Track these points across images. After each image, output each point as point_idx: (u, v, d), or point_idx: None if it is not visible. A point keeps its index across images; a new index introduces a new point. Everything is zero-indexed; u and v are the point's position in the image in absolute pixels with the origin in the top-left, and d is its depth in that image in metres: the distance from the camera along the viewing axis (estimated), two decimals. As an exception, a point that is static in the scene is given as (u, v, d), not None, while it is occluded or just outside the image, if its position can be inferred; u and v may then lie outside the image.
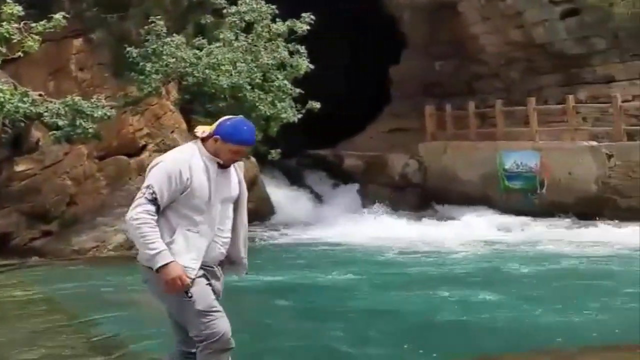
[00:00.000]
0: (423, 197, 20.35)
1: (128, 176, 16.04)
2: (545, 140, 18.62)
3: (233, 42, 15.58)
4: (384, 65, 24.57)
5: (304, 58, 16.45)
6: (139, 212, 4.18)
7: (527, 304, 9.04)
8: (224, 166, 4.36)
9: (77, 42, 16.11)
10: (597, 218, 16.32)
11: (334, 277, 11.42)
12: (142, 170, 16.35)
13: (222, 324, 4.24)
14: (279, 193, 19.83)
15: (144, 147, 16.71)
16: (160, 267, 4.14)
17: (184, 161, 4.28)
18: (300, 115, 16.17)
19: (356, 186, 21.53)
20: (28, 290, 10.65)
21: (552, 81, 20.98)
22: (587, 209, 16.73)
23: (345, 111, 22.68)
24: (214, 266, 4.37)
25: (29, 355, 7.15)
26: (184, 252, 4.21)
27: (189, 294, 4.18)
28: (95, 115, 12.94)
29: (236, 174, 4.47)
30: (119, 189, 15.68)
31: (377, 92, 24.46)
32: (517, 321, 8.23)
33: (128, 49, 15.01)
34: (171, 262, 4.15)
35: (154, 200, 4.19)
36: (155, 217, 4.21)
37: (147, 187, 4.23)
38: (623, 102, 17.77)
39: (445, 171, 20.57)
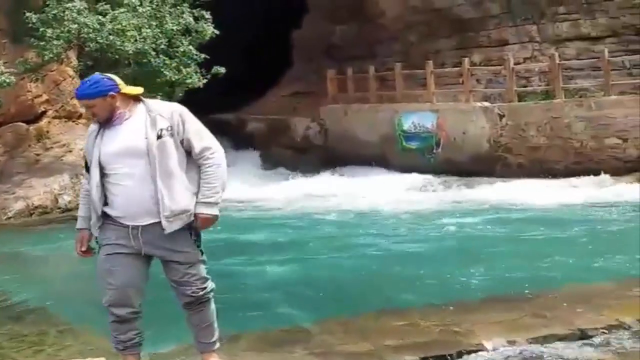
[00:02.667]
0: (324, 159, 20.70)
1: (27, 143, 15.88)
2: (442, 102, 19.30)
3: (138, 7, 15.50)
4: (286, 30, 24.71)
5: (209, 24, 16.52)
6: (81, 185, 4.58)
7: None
8: (108, 122, 4.41)
9: (-28, 7, 15.75)
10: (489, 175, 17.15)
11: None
12: (40, 136, 16.21)
13: (107, 293, 4.45)
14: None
15: (43, 114, 16.54)
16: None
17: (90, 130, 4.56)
18: (205, 81, 16.29)
19: (258, 149, 21.83)
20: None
21: (449, 45, 21.59)
22: (480, 167, 17.49)
23: (248, 75, 22.80)
24: (135, 224, 4.38)
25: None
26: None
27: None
28: (-7, 81, 12.78)
29: (149, 125, 4.35)
30: (18, 156, 15.54)
31: (279, 56, 24.60)
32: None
33: (27, 14, 14.76)
34: (79, 229, 4.52)
35: (86, 169, 4.53)
36: (86, 186, 4.53)
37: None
38: (515, 64, 18.61)
39: (346, 133, 20.98)
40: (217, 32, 16.36)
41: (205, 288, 4.53)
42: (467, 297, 7.26)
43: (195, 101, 17.74)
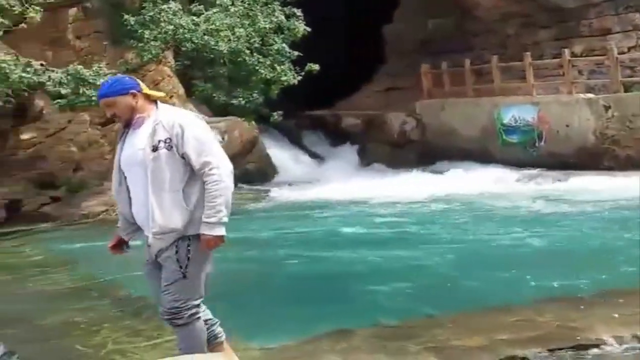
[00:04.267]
0: (422, 154, 20.46)
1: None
2: (542, 94, 18.72)
3: (230, 7, 15.63)
4: (378, 25, 24.57)
5: (301, 21, 16.52)
6: None
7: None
8: (128, 125, 4.30)
9: (73, 11, 16.12)
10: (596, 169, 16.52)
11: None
12: (142, 135, 16.49)
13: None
14: (280, 153, 19.98)
15: (144, 113, 16.79)
16: None
17: None
18: (299, 78, 16.29)
19: (355, 145, 21.70)
20: (44, 254, 10.72)
21: (547, 35, 20.97)
22: (586, 160, 16.90)
23: (342, 72, 22.76)
24: (147, 233, 4.25)
25: (55, 317, 7.18)
26: None
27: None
28: (98, 83, 13.04)
29: (149, 135, 4.18)
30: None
31: (372, 52, 24.48)
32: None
33: (125, 16, 15.07)
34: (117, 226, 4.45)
35: None
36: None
37: None
38: (619, 54, 17.87)
39: (444, 128, 20.66)
40: (308, 29, 16.37)
41: (178, 309, 4.18)
42: (581, 292, 6.94)
43: (291, 98, 17.98)
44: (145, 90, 4.27)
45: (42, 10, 12.58)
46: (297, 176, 18.84)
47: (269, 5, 16.70)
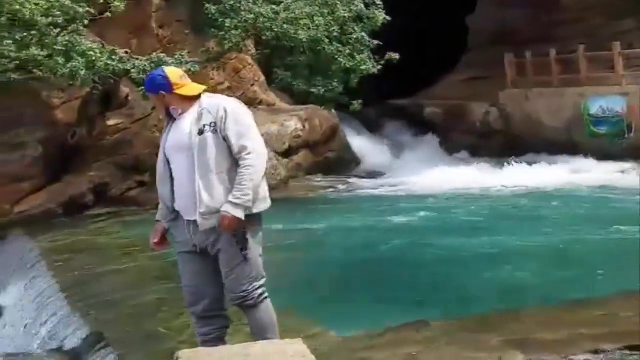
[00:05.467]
0: (505, 144, 20.12)
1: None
2: (632, 84, 18.15)
3: (309, -5, 15.60)
4: (461, 15, 24.30)
5: (380, 10, 16.39)
6: None
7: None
8: (170, 115, 4.50)
9: (156, 0, 16.39)
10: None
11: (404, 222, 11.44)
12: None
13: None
14: (361, 143, 19.94)
15: (225, 100, 17.01)
16: None
17: None
18: (379, 67, 16.16)
19: (436, 135, 21.52)
20: (131, 237, 10.92)
21: (634, 25, 20.43)
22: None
23: (424, 61, 22.58)
24: (189, 218, 4.37)
25: (141, 299, 7.33)
26: None
27: None
28: (181, 70, 13.20)
29: (195, 120, 4.37)
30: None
31: (455, 41, 24.22)
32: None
33: (206, 5, 15.21)
34: (156, 220, 4.61)
35: None
36: None
37: None
38: None
39: (529, 118, 20.28)
40: (388, 18, 16.18)
41: (247, 291, 4.32)
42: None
43: (372, 87, 17.87)
44: (179, 90, 4.42)
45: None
46: (377, 166, 18.73)
47: (349, -6, 16.60)
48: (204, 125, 4.31)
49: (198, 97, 4.46)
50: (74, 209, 13.51)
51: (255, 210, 4.31)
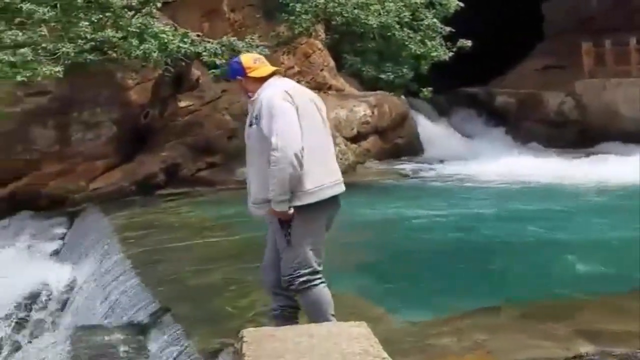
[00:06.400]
0: (581, 135, 19.64)
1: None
2: None
3: (380, -19, 15.46)
4: (536, 3, 23.85)
5: (453, -4, 16.12)
6: None
7: None
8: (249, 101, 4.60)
9: (228, -16, 16.55)
10: None
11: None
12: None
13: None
14: (430, 130, 19.77)
15: (296, 85, 17.04)
16: None
17: None
18: (451, 54, 15.94)
19: (508, 123, 21.15)
20: (201, 216, 11.10)
21: None
22: None
23: (497, 49, 22.22)
24: (260, 202, 4.49)
25: (209, 277, 7.40)
26: None
27: None
28: (250, 54, 13.27)
29: (261, 105, 4.43)
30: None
31: (530, 29, 23.77)
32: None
33: (277, -11, 15.24)
34: None
35: None
36: None
37: None
38: None
39: (606, 109, 19.74)
40: (461, 4, 15.92)
41: (291, 276, 4.38)
42: None
43: (442, 73, 17.66)
44: (252, 73, 4.52)
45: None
46: (447, 153, 18.47)
47: (420, -20, 16.38)
48: (254, 117, 4.46)
49: (268, 77, 4.54)
50: (146, 188, 13.80)
51: (298, 203, 4.34)
